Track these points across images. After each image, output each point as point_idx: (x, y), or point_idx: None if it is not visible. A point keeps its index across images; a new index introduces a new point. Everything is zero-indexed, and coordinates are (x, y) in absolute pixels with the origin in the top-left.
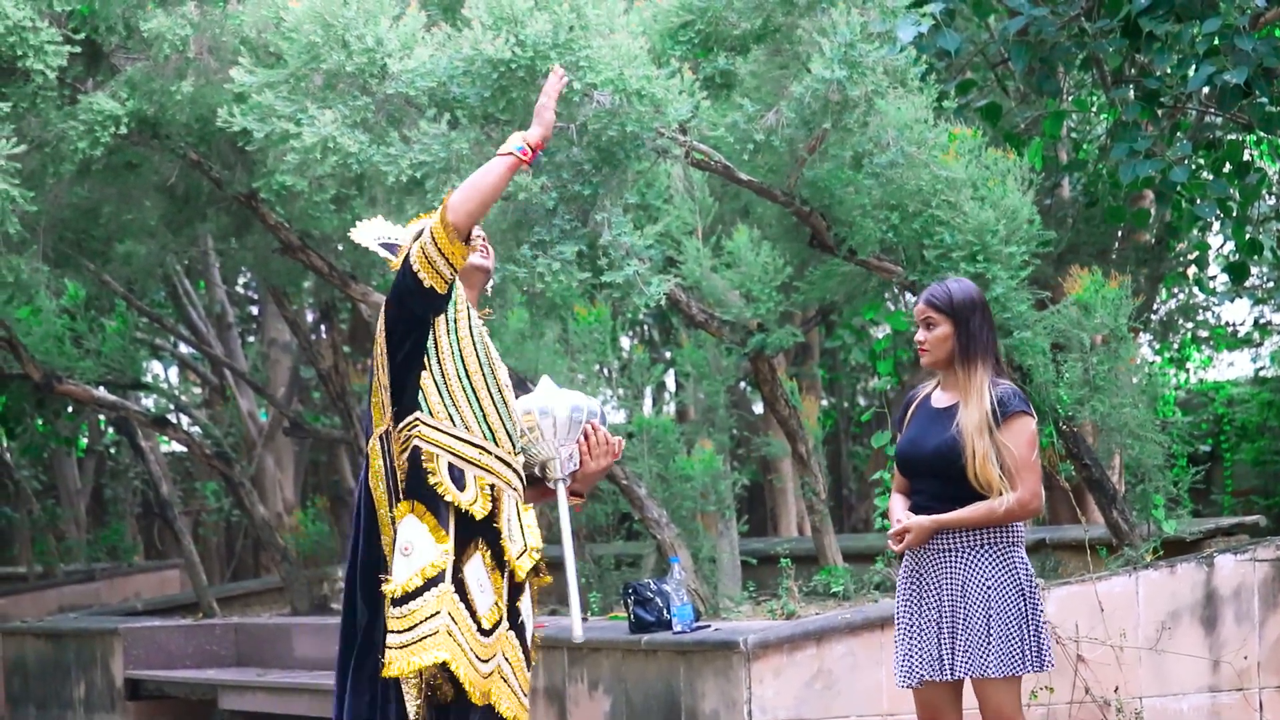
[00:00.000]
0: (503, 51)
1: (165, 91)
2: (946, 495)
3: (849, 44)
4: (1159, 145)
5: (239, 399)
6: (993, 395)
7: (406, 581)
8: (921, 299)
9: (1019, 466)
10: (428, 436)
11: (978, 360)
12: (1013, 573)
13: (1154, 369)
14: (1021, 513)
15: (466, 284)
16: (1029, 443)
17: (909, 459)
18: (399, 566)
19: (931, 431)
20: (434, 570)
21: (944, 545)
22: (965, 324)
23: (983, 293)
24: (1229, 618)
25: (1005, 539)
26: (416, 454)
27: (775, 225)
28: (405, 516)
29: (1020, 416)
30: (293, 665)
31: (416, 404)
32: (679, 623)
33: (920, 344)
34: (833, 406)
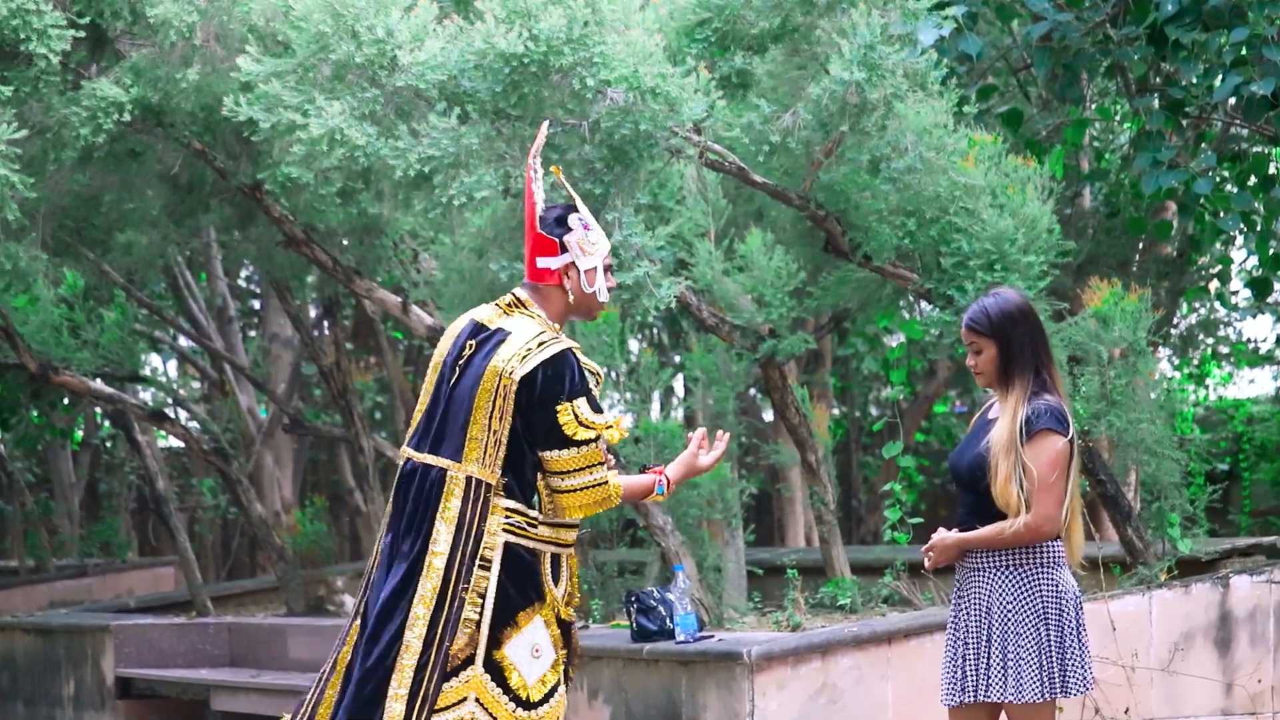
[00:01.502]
0: (515, 46)
1: (170, 79)
2: (979, 510)
3: (869, 46)
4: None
5: (238, 394)
6: (1025, 412)
7: (537, 685)
8: (963, 323)
9: (1038, 486)
10: (543, 535)
11: (1015, 375)
12: (1036, 595)
13: (1173, 384)
14: (1030, 536)
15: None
16: (1049, 463)
17: (952, 470)
18: (530, 668)
19: (972, 444)
20: (554, 680)
21: (973, 564)
22: (1007, 342)
23: (1028, 301)
24: (1244, 640)
25: (1033, 560)
26: (535, 552)
27: (789, 229)
28: (535, 618)
29: (1046, 435)
30: (287, 667)
31: (532, 503)
32: (682, 632)
33: (973, 368)
34: (844, 415)
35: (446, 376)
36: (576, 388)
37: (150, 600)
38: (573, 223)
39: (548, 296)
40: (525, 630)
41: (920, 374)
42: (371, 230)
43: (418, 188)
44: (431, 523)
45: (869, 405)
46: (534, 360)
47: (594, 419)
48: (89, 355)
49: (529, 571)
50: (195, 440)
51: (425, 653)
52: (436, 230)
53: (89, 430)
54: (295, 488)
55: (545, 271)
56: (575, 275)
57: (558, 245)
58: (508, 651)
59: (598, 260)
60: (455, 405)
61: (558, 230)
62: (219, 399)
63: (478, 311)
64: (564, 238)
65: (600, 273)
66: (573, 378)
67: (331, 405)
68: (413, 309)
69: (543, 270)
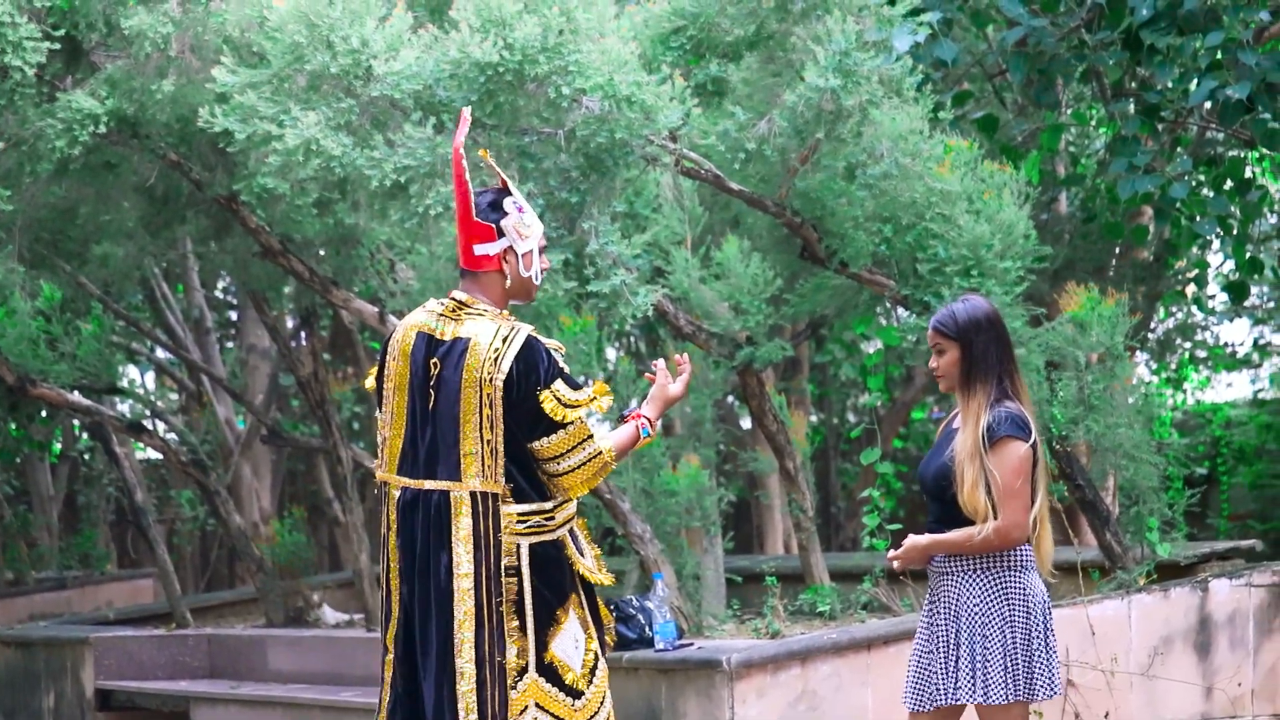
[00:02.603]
0: (490, 55)
1: (145, 90)
2: (946, 519)
3: (844, 52)
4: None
5: (216, 406)
6: (987, 419)
7: (585, 672)
8: (930, 325)
9: (1004, 493)
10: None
11: (977, 383)
12: (1005, 599)
13: (1150, 389)
14: (999, 542)
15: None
16: (1013, 469)
17: (920, 478)
18: (575, 659)
19: (938, 453)
20: (593, 659)
21: (943, 569)
22: (969, 346)
23: (996, 310)
24: (1223, 644)
25: (1002, 564)
26: (559, 544)
27: (766, 236)
28: (571, 611)
29: (1008, 442)
30: (267, 678)
31: (547, 496)
32: (661, 640)
33: (934, 371)
34: (822, 422)
35: (419, 399)
36: (551, 371)
37: (129, 612)
38: (508, 206)
39: (487, 284)
40: (566, 625)
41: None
42: (348, 240)
43: (394, 198)
44: (449, 548)
45: (847, 412)
46: (507, 360)
47: (576, 397)
48: (66, 367)
49: (558, 568)
50: (173, 452)
51: (480, 672)
52: (413, 240)
53: (67, 443)
54: (274, 498)
55: (484, 258)
56: (514, 259)
57: (494, 230)
58: (556, 651)
59: (534, 243)
60: (441, 425)
61: (493, 215)
62: (197, 410)
63: (417, 322)
64: (500, 222)
65: (536, 255)
66: (543, 362)
67: (309, 416)
68: (390, 319)
69: (480, 257)
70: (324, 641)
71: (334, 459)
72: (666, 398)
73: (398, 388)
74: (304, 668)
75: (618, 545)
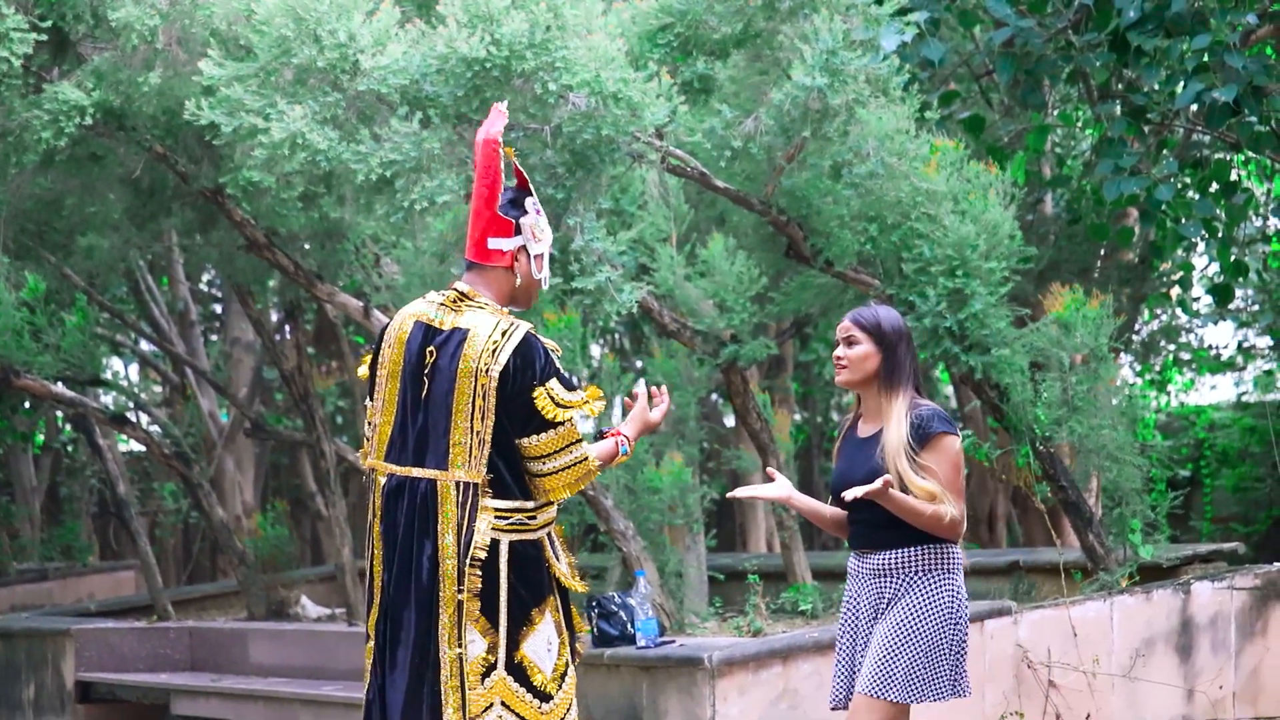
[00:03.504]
0: (477, 50)
1: (132, 82)
2: (883, 520)
3: (831, 51)
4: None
5: (200, 398)
6: (911, 418)
7: (555, 676)
8: (847, 317)
9: (946, 487)
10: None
11: (899, 388)
12: (942, 598)
13: (1134, 391)
14: (949, 528)
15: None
16: (952, 463)
17: (840, 489)
18: (546, 662)
19: (858, 461)
20: (564, 664)
21: (880, 568)
22: (892, 352)
23: (906, 322)
24: (1205, 646)
25: (940, 565)
26: (538, 545)
27: (751, 234)
28: (547, 613)
29: (943, 437)
30: (247, 671)
31: (529, 495)
32: (643, 638)
33: (838, 360)
34: (805, 421)
35: (411, 386)
36: (547, 369)
37: (111, 604)
38: (528, 206)
39: (493, 279)
40: (540, 627)
41: None
42: (333, 235)
43: (379, 192)
44: (434, 536)
45: (830, 411)
46: (504, 353)
47: (569, 398)
48: (50, 359)
49: (537, 568)
50: (156, 444)
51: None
52: (398, 235)
53: (50, 434)
54: (256, 492)
55: (496, 253)
56: (525, 259)
57: (513, 227)
58: (527, 651)
59: (545, 247)
60: (432, 414)
61: (513, 211)
62: (180, 403)
63: (417, 311)
64: (520, 219)
65: (546, 260)
66: (540, 359)
67: (293, 409)
68: (374, 313)
69: (493, 251)
70: (305, 635)
71: (317, 453)
72: (645, 422)
73: (390, 375)
74: (285, 661)
75: (600, 542)
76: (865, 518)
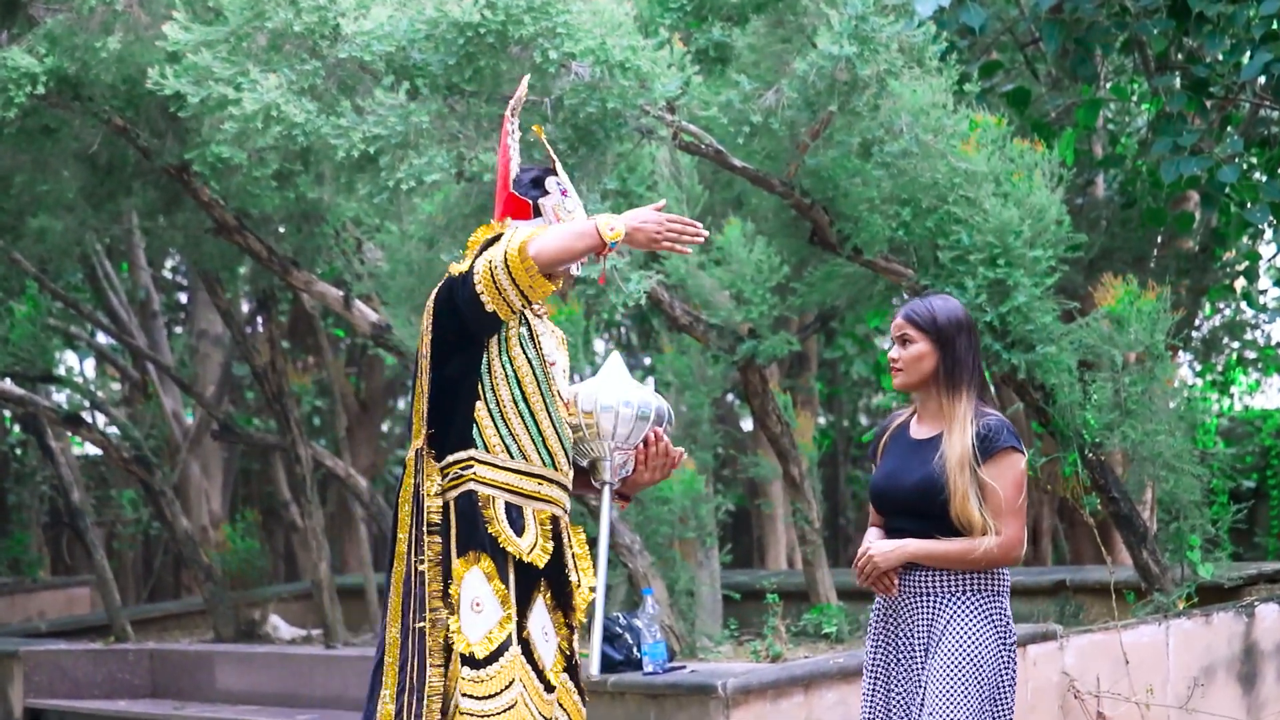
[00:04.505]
0: (471, 14)
1: (89, 48)
2: (925, 536)
3: (860, 17)
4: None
5: (162, 397)
6: (977, 427)
7: (482, 641)
8: (900, 314)
9: (1004, 509)
10: (484, 477)
11: (963, 388)
12: (995, 625)
13: (1194, 393)
14: (1002, 558)
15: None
16: (1015, 483)
17: (886, 494)
18: (472, 624)
19: (911, 465)
20: (501, 639)
21: (920, 588)
22: (950, 347)
23: (969, 313)
24: (1270, 675)
25: (989, 586)
26: (472, 497)
27: (772, 219)
28: (470, 570)
29: (1008, 454)
30: (214, 698)
31: (470, 439)
32: (650, 662)
33: (893, 362)
34: (830, 425)
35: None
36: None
37: (64, 624)
38: (550, 186)
39: None
40: (462, 583)
41: None
42: (311, 217)
43: (362, 170)
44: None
45: (858, 413)
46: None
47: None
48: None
49: (468, 521)
50: (114, 447)
51: (404, 640)
52: (382, 217)
53: None
54: (225, 500)
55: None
56: None
57: (531, 208)
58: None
59: None
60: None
61: (533, 192)
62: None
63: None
64: (539, 200)
65: None
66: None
67: (265, 409)
68: (356, 304)
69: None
70: (277, 659)
71: (292, 457)
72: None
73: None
74: (255, 687)
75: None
76: (904, 527)
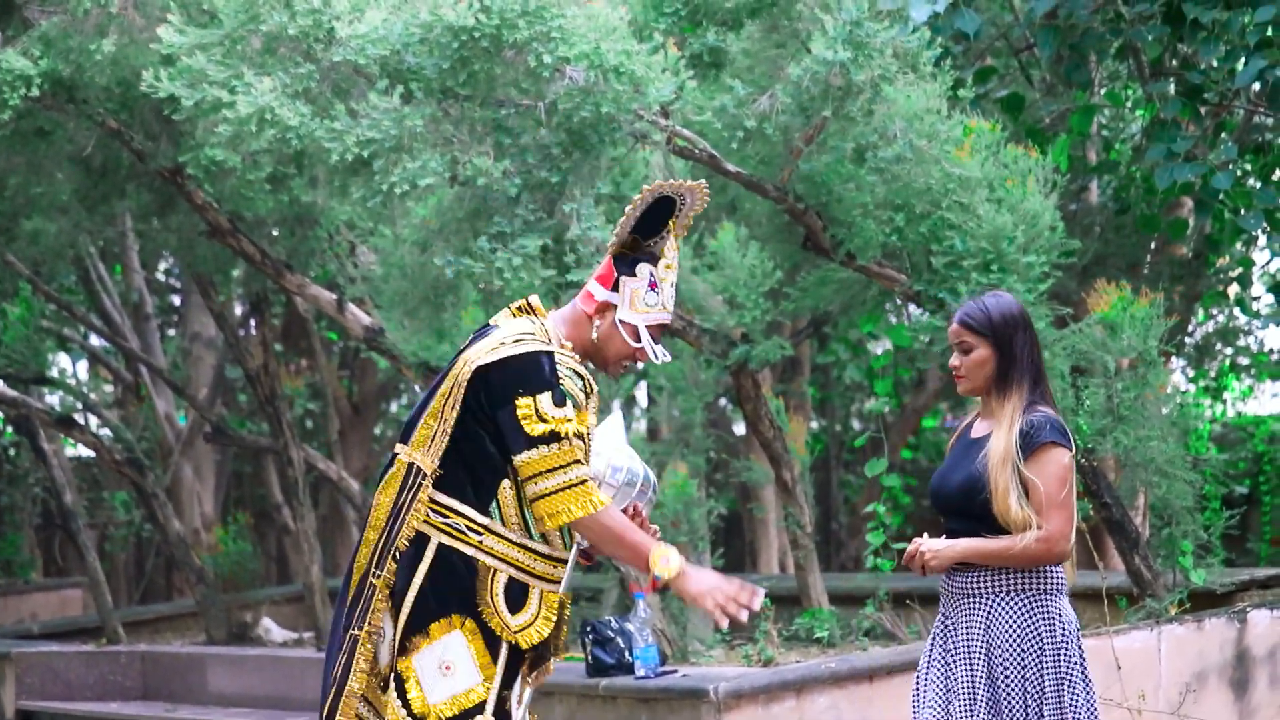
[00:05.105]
0: (465, 18)
1: (83, 50)
2: (973, 535)
3: (855, 22)
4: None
5: (155, 399)
6: (1022, 423)
7: (447, 703)
8: (955, 319)
9: (1046, 503)
10: (493, 549)
11: (1013, 386)
12: (1046, 624)
13: (1187, 399)
14: (1044, 554)
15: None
16: (1058, 478)
17: (937, 494)
18: (435, 684)
19: (961, 464)
20: (470, 703)
21: (967, 590)
22: (1008, 346)
23: (1025, 309)
24: (1263, 681)
25: (1038, 584)
26: (472, 564)
27: (765, 224)
28: (452, 632)
29: (1051, 448)
30: (206, 701)
31: (486, 508)
32: (642, 666)
33: (955, 370)
34: (823, 429)
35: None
36: (542, 382)
37: (56, 626)
38: (640, 271)
39: (578, 323)
40: (436, 643)
41: (907, 384)
42: (304, 220)
43: (356, 174)
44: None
45: (851, 418)
46: (501, 353)
47: (554, 413)
48: None
49: (458, 581)
50: (107, 449)
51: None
52: (376, 221)
53: None
54: (217, 503)
55: (588, 296)
56: (609, 318)
57: (614, 282)
58: (413, 661)
59: (641, 320)
60: (430, 395)
61: (624, 268)
62: (134, 404)
63: (495, 316)
64: (622, 278)
65: (643, 332)
66: (539, 372)
67: (258, 412)
68: (349, 307)
69: (587, 294)
70: (269, 661)
71: (284, 460)
72: (701, 579)
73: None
74: (247, 690)
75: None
76: (955, 527)
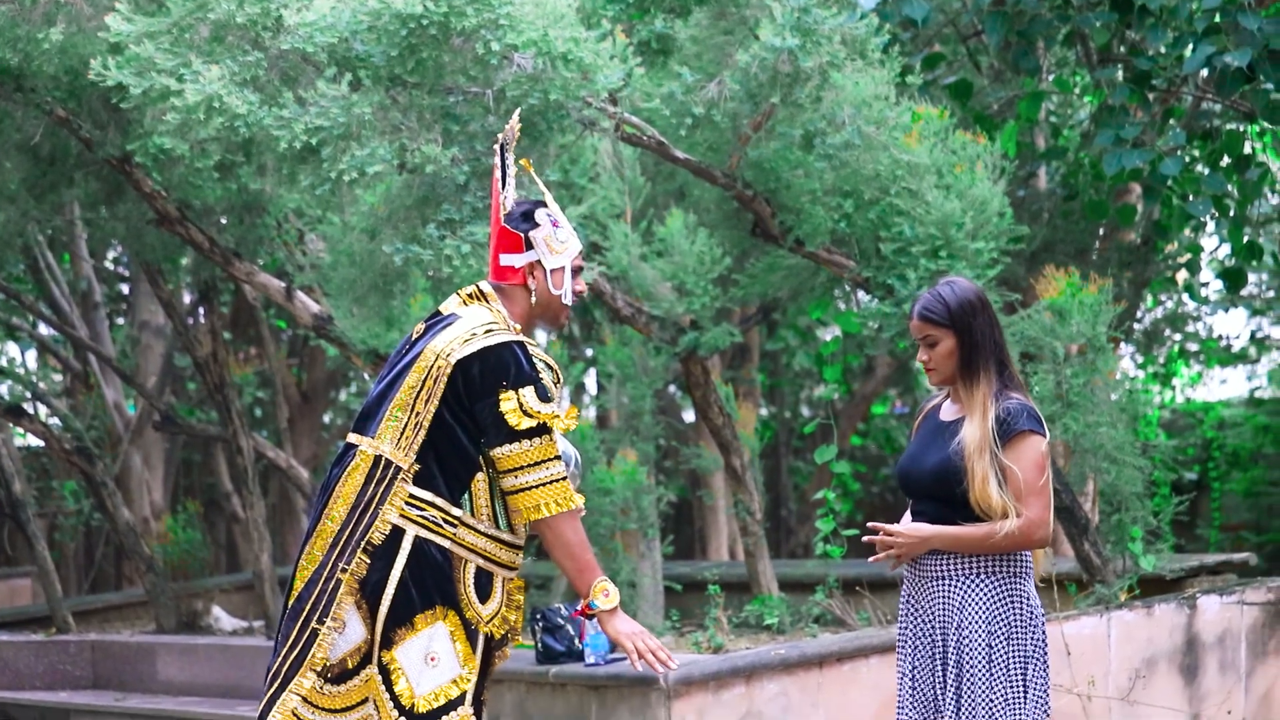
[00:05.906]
0: (413, 6)
1: (31, 39)
2: (946, 520)
3: (803, 9)
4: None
5: (104, 388)
6: (997, 410)
7: (430, 696)
8: (915, 314)
9: (1025, 490)
10: (464, 540)
11: (979, 371)
12: (1008, 609)
13: (1136, 385)
14: (1024, 540)
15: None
16: (1036, 465)
17: (908, 477)
18: (421, 675)
19: (933, 448)
20: (457, 691)
21: (938, 571)
22: (968, 332)
23: (982, 290)
24: (1212, 667)
25: (1009, 569)
26: (446, 555)
27: (714, 210)
28: (436, 624)
29: (1028, 435)
30: (156, 689)
31: (459, 499)
32: (592, 654)
33: (925, 364)
34: (772, 416)
35: (393, 361)
36: (524, 375)
37: (4, 615)
38: (540, 218)
39: (512, 297)
40: (421, 634)
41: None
42: (253, 208)
43: (304, 161)
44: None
45: (800, 405)
46: (476, 344)
47: (540, 408)
48: None
49: (437, 573)
50: (56, 438)
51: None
52: (324, 208)
53: None
54: (166, 492)
55: (509, 270)
56: (541, 275)
57: (523, 241)
58: (397, 654)
59: (566, 260)
60: (391, 386)
61: (524, 225)
62: (83, 393)
63: (444, 304)
64: (530, 233)
65: (568, 273)
66: (519, 365)
67: (207, 401)
68: (297, 295)
69: (506, 268)
70: (219, 650)
71: (234, 449)
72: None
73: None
74: (197, 678)
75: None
76: (926, 510)
